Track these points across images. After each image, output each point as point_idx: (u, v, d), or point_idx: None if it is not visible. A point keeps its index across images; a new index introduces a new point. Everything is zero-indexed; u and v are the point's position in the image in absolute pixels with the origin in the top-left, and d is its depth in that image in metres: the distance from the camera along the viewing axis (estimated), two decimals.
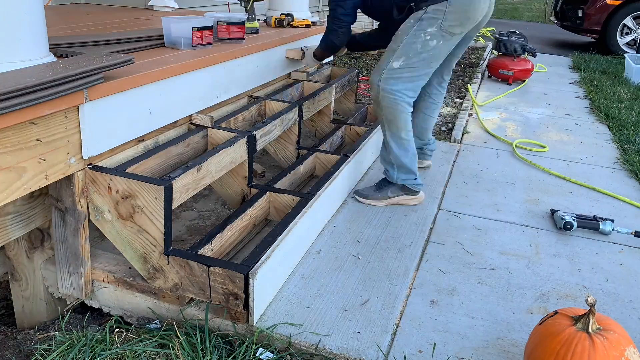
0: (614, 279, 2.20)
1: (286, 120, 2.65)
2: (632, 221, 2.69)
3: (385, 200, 2.64)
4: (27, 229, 1.83)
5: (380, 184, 2.69)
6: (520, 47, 5.46)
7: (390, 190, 2.64)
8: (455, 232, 2.50)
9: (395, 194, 2.65)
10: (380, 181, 2.72)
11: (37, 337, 1.89)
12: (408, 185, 2.64)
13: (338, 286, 2.03)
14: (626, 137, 3.96)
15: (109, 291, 1.94)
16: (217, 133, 2.29)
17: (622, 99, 5.06)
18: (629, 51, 7.42)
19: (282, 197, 2.32)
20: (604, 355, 1.44)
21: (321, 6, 8.29)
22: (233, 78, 2.58)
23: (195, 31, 2.39)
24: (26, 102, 1.42)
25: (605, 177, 3.25)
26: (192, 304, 1.86)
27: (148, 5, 3.95)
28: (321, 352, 1.72)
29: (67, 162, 1.69)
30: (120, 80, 1.80)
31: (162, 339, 1.74)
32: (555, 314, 1.60)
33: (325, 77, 3.69)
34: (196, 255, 1.81)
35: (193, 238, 2.32)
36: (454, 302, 2.00)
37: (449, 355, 1.73)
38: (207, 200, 2.68)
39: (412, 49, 2.40)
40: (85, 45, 2.17)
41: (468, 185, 3.01)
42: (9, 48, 1.58)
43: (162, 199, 1.71)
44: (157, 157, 2.00)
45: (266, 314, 1.85)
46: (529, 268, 2.24)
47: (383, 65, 2.47)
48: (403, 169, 2.61)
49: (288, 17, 3.42)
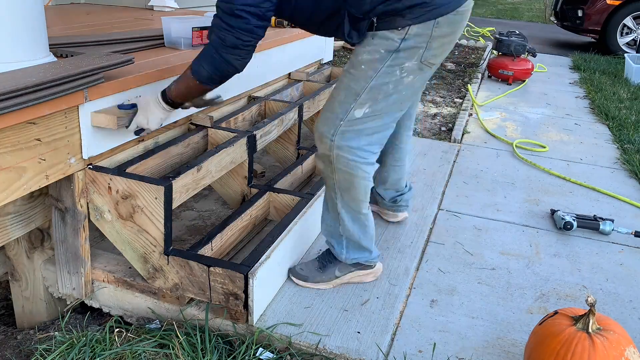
0: (614, 279, 2.20)
1: (286, 120, 2.65)
2: (632, 221, 2.69)
3: (332, 281, 2.02)
4: (27, 229, 1.83)
5: (323, 260, 2.05)
6: (520, 47, 5.46)
7: (338, 269, 2.02)
8: (455, 232, 2.50)
9: (344, 272, 2.02)
10: (323, 255, 2.07)
11: (37, 337, 1.89)
12: (362, 262, 2.04)
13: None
14: (626, 137, 3.96)
15: (109, 291, 1.94)
16: (217, 133, 2.29)
17: (622, 99, 5.06)
18: (629, 51, 7.42)
19: (282, 197, 2.32)
20: (604, 355, 1.44)
21: None
22: (233, 78, 2.57)
23: (195, 31, 2.39)
24: (26, 102, 1.42)
25: (605, 177, 3.25)
26: (192, 304, 1.86)
27: (148, 5, 3.95)
28: (321, 352, 1.72)
29: (67, 162, 1.69)
30: (120, 80, 1.80)
31: (162, 339, 1.74)
32: (555, 314, 1.60)
33: (325, 77, 3.69)
34: (196, 255, 1.81)
35: (193, 238, 2.32)
36: (454, 302, 2.00)
37: (449, 355, 1.73)
38: (207, 200, 2.68)
39: (382, 91, 1.73)
40: (85, 45, 2.18)
41: (468, 185, 3.01)
42: (9, 48, 1.58)
43: (162, 199, 1.71)
44: (157, 157, 2.00)
45: (266, 313, 1.85)
46: (529, 268, 2.24)
47: (339, 112, 1.77)
48: (356, 246, 1.99)
49: None
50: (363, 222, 1.95)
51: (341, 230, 1.96)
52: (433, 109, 4.68)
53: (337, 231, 1.98)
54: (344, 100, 1.78)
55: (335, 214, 1.95)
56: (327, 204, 1.98)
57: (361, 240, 1.98)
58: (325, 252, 2.08)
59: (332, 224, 1.99)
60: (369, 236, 1.99)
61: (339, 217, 1.94)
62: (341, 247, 2.00)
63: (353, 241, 1.98)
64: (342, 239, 1.99)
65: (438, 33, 1.68)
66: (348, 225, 1.94)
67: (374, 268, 2.07)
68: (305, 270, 2.04)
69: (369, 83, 1.73)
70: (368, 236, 1.99)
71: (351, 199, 1.88)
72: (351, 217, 1.93)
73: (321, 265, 2.04)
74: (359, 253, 2.01)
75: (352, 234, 1.95)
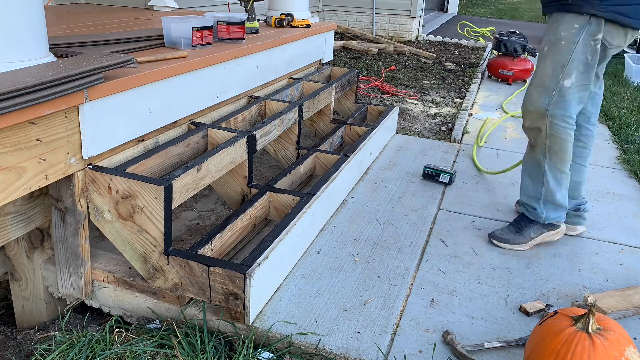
0: (614, 279, 2.20)
1: (286, 120, 2.65)
2: (632, 221, 2.69)
3: (529, 242, 2.34)
4: (27, 229, 1.83)
5: (519, 224, 2.37)
6: (520, 47, 5.47)
7: (533, 230, 2.34)
8: (455, 232, 2.50)
9: (538, 233, 2.35)
10: (517, 220, 2.40)
11: (37, 337, 1.89)
12: (554, 222, 2.34)
13: (338, 286, 2.03)
14: (626, 137, 3.96)
15: (108, 291, 1.94)
16: (217, 133, 2.29)
17: (622, 99, 5.06)
18: (629, 51, 7.41)
19: (282, 197, 2.32)
20: (604, 355, 1.44)
21: (321, 6, 8.30)
22: (233, 78, 2.58)
23: (195, 31, 2.39)
24: (26, 102, 1.42)
25: (605, 177, 3.25)
26: (192, 303, 1.86)
27: (148, 5, 3.95)
28: (321, 352, 1.72)
29: (67, 162, 1.69)
30: (120, 80, 1.80)
31: (162, 339, 1.74)
32: (555, 314, 1.60)
33: (325, 77, 3.69)
34: (196, 255, 1.81)
35: (193, 238, 2.32)
36: (453, 302, 2.00)
37: (449, 356, 1.73)
38: (207, 200, 2.68)
39: (582, 63, 2.07)
40: (85, 45, 2.17)
41: (468, 185, 3.01)
42: (9, 48, 1.58)
43: (162, 199, 1.71)
44: (157, 157, 2.00)
45: (266, 313, 1.85)
46: (529, 268, 2.24)
47: (550, 83, 2.12)
48: (553, 205, 2.31)
49: (288, 17, 3.42)
50: (564, 182, 2.28)
51: (543, 191, 2.28)
52: (433, 109, 4.68)
53: (539, 193, 2.30)
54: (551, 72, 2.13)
55: (539, 177, 2.28)
56: (530, 170, 2.31)
57: (559, 200, 2.29)
58: (520, 217, 2.40)
59: (533, 188, 2.31)
60: (564, 191, 2.29)
61: (543, 179, 2.27)
62: (540, 207, 2.31)
63: (550, 202, 2.29)
64: (541, 201, 2.31)
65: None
66: (551, 186, 2.26)
67: (561, 227, 2.38)
68: (505, 234, 2.37)
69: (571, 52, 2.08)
70: (564, 191, 2.29)
71: (559, 160, 2.23)
72: (554, 177, 2.25)
73: (518, 229, 2.35)
74: (555, 212, 2.32)
75: (552, 192, 2.27)
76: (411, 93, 5.09)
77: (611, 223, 2.66)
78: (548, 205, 2.30)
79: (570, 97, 2.12)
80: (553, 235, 2.38)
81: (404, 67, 6.21)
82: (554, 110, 2.13)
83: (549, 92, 2.13)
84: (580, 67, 2.08)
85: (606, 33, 2.04)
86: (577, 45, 2.05)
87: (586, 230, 2.55)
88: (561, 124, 2.15)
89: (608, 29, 2.04)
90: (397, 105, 4.54)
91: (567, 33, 2.07)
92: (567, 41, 2.07)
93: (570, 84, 2.09)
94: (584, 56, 2.07)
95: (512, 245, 2.34)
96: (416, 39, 8.19)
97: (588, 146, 2.40)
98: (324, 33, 3.73)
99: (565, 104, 2.13)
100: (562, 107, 2.13)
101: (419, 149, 3.48)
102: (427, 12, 10.60)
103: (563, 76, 2.09)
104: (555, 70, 2.11)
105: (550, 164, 2.24)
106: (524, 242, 2.34)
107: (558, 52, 2.10)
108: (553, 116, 2.14)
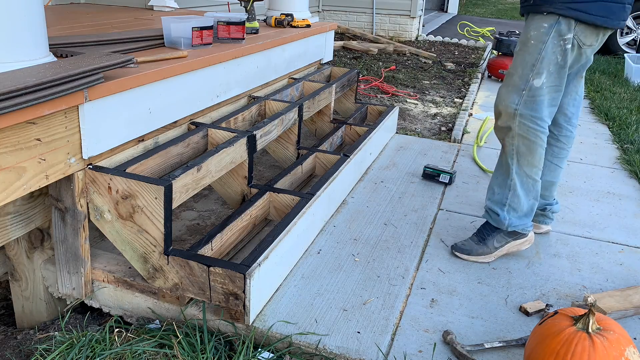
0: (614, 279, 2.20)
1: (286, 120, 2.65)
2: (632, 221, 2.69)
3: (493, 253, 2.24)
4: (27, 229, 1.83)
5: (482, 234, 2.27)
6: None
7: (496, 239, 2.24)
8: (455, 232, 2.50)
9: (502, 243, 2.24)
10: (480, 229, 2.29)
11: (37, 337, 1.89)
12: (518, 230, 2.24)
13: (338, 286, 2.03)
14: (626, 137, 3.96)
15: (108, 291, 1.95)
16: (217, 133, 2.29)
17: (622, 99, 5.07)
18: (629, 51, 7.42)
19: (282, 197, 2.32)
20: (604, 355, 1.44)
21: (321, 6, 8.30)
22: (233, 78, 2.58)
23: (195, 31, 2.39)
24: (26, 102, 1.42)
25: (605, 177, 3.25)
26: (192, 303, 1.86)
27: (148, 5, 3.95)
28: (321, 352, 1.72)
29: (67, 162, 1.69)
30: (120, 80, 1.80)
31: (162, 339, 1.74)
32: (555, 314, 1.60)
33: (325, 77, 3.69)
34: (196, 255, 1.81)
35: (193, 238, 2.32)
36: (453, 302, 2.00)
37: (449, 356, 1.73)
38: (207, 200, 2.68)
39: (552, 63, 2.02)
40: (85, 45, 2.17)
41: (468, 185, 3.01)
42: (9, 48, 1.58)
43: (162, 199, 1.71)
44: (157, 157, 2.00)
45: (266, 313, 1.85)
46: (529, 268, 2.24)
47: (520, 83, 2.07)
48: (518, 213, 2.21)
49: (288, 17, 3.42)
50: (532, 189, 2.18)
51: (510, 196, 2.18)
52: (433, 109, 4.68)
53: (504, 198, 2.20)
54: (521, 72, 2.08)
55: (507, 181, 2.18)
56: (499, 174, 2.22)
57: (525, 207, 2.19)
58: (483, 226, 2.29)
59: (500, 192, 2.21)
60: (532, 199, 2.20)
61: (510, 184, 2.17)
62: (503, 213, 2.20)
63: (515, 208, 2.19)
64: (505, 207, 2.20)
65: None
66: (518, 191, 2.17)
67: (528, 236, 2.26)
68: (467, 245, 2.27)
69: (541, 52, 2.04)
70: (532, 199, 2.20)
71: (527, 164, 2.14)
72: (521, 182, 2.16)
73: (480, 239, 2.25)
74: (519, 220, 2.21)
75: (519, 200, 2.17)
76: (411, 93, 5.09)
77: (611, 223, 2.66)
78: (512, 212, 2.20)
79: (540, 97, 2.07)
80: (519, 245, 2.26)
81: (404, 67, 6.21)
82: (524, 110, 2.08)
83: (518, 92, 2.09)
84: (550, 67, 2.04)
85: (579, 32, 2.01)
86: (546, 44, 2.01)
87: (551, 229, 2.52)
88: (530, 124, 2.08)
89: (580, 28, 2.00)
90: (397, 105, 4.54)
91: (536, 32, 2.04)
92: (536, 40, 2.04)
93: (540, 84, 2.05)
94: (554, 56, 2.03)
95: (474, 257, 2.24)
96: (416, 39, 8.20)
97: (566, 147, 2.36)
98: (324, 33, 3.73)
99: (536, 105, 2.08)
100: (531, 108, 2.08)
101: (419, 149, 3.48)
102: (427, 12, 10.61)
103: (533, 76, 2.05)
104: (524, 69, 2.07)
105: (518, 169, 2.15)
106: (487, 253, 2.24)
107: (527, 51, 2.06)
108: (522, 116, 2.09)
